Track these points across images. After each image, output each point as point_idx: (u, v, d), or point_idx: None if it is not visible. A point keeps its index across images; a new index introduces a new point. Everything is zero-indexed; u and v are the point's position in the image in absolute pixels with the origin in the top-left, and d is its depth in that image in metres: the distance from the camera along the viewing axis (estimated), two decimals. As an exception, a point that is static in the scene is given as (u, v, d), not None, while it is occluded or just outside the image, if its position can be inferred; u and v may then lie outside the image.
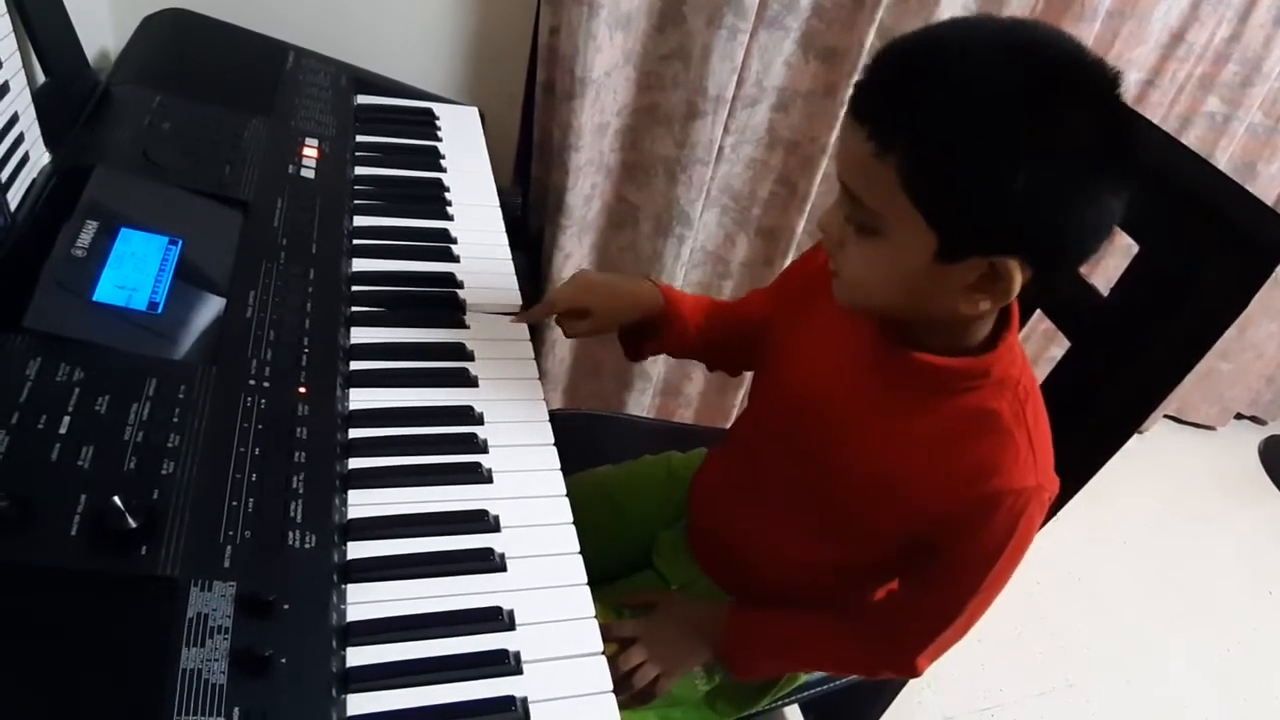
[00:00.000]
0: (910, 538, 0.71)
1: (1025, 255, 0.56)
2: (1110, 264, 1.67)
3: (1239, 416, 2.26)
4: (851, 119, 0.58)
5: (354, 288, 0.82)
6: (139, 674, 0.49)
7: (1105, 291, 0.87)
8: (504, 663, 0.59)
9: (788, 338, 0.80)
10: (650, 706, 0.83)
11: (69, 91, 0.87)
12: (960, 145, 0.53)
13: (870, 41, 1.20)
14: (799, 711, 1.35)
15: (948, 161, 0.54)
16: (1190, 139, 1.59)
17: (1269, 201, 1.73)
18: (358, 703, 0.54)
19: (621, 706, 0.60)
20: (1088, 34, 1.30)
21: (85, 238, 0.70)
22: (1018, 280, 0.57)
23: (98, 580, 0.52)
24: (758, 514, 0.83)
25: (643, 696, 0.82)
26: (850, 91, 0.59)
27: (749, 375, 1.38)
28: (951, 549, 0.69)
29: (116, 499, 0.54)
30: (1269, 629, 1.76)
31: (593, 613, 0.64)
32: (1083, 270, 0.92)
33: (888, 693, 1.16)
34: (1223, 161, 1.64)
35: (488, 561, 0.65)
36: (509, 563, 0.65)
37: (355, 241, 0.87)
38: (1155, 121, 1.39)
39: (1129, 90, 1.42)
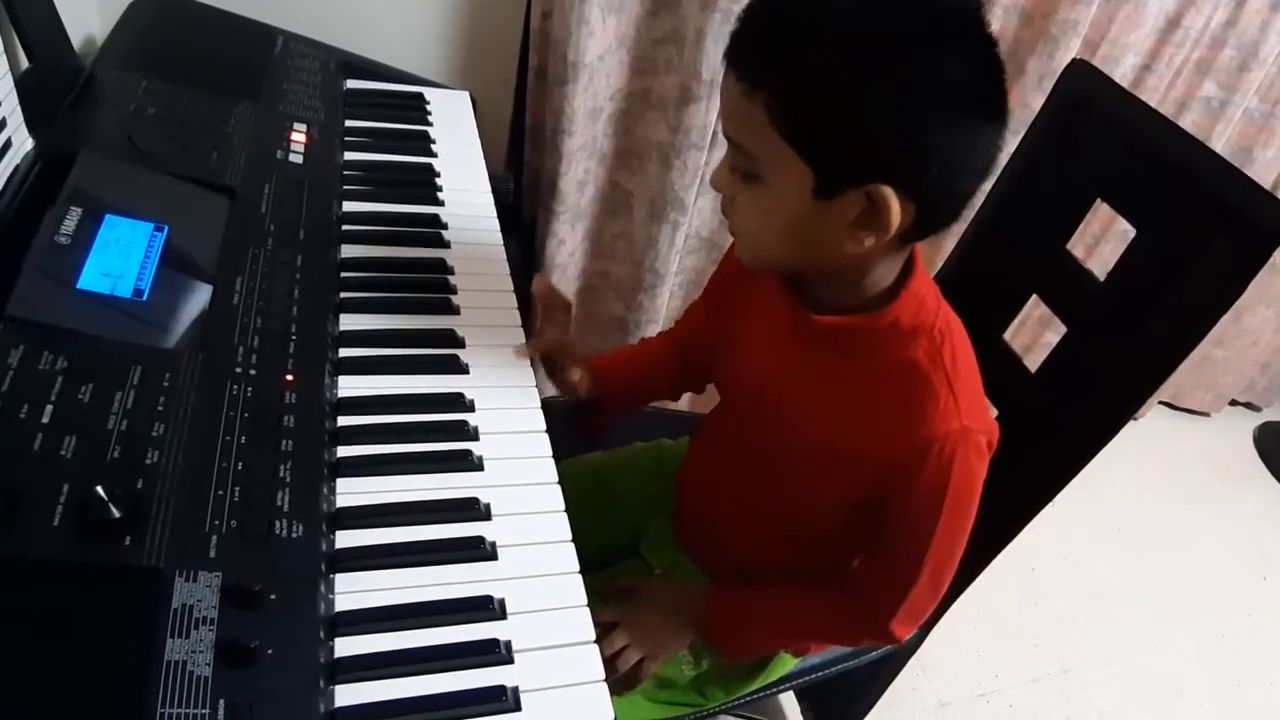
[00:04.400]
0: (858, 502, 0.72)
1: (898, 184, 0.57)
2: (1107, 249, 1.67)
3: (1234, 403, 2.26)
4: (725, 66, 0.59)
5: (343, 274, 0.81)
6: (122, 666, 0.49)
7: (1102, 277, 0.87)
8: (495, 652, 0.59)
9: (727, 335, 0.82)
10: (639, 691, 0.84)
11: (53, 77, 0.86)
12: (818, 72, 0.55)
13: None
14: (794, 697, 1.35)
15: (808, 90, 0.56)
16: (1187, 123, 1.58)
17: (1266, 186, 1.73)
18: (346, 693, 0.54)
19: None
20: (1084, 18, 1.28)
21: (69, 224, 0.69)
22: (895, 210, 0.58)
23: (81, 571, 0.51)
24: (728, 498, 0.85)
25: (627, 680, 0.82)
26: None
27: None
28: (895, 508, 0.70)
29: (100, 489, 0.53)
30: (1263, 615, 1.76)
31: (585, 601, 0.64)
32: (1079, 255, 0.91)
33: (882, 678, 1.16)
34: (1219, 146, 1.63)
35: (479, 550, 0.64)
36: (500, 551, 0.65)
37: (344, 227, 0.86)
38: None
39: (1125, 75, 1.43)
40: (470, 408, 0.74)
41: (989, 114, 0.58)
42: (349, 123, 1.00)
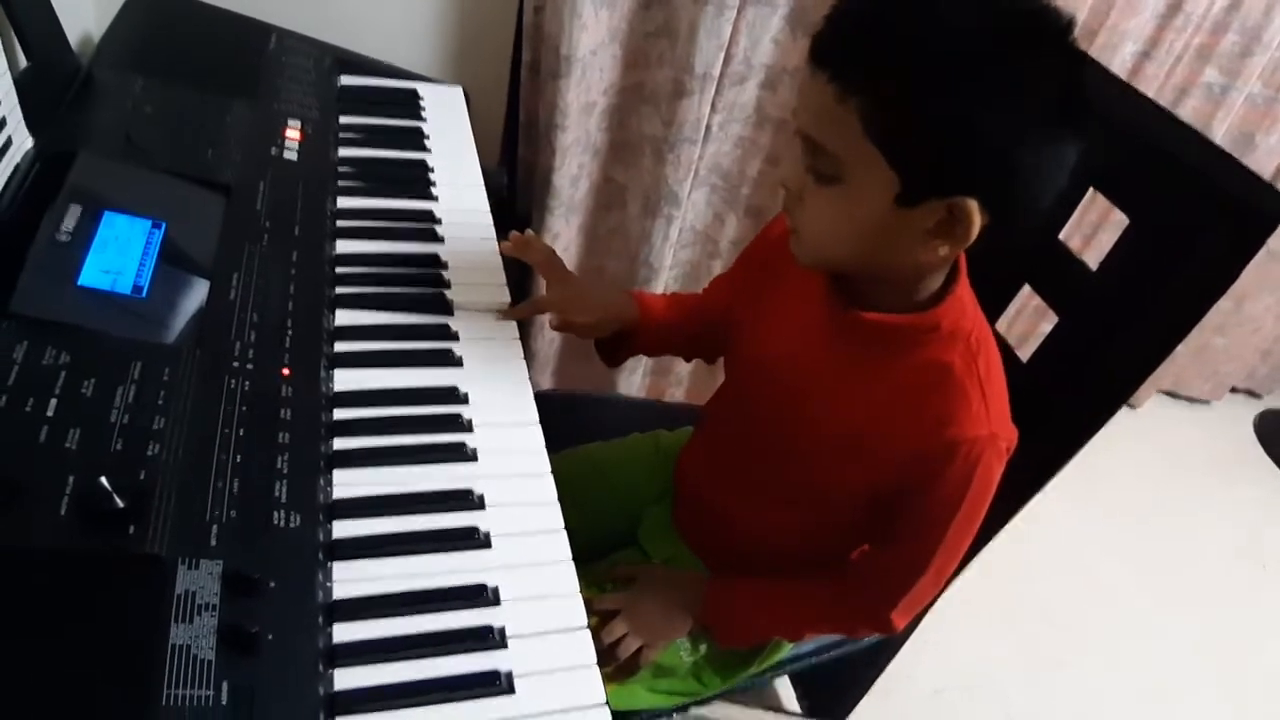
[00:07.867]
0: (874, 496, 0.72)
1: (982, 197, 0.57)
2: (1102, 239, 1.67)
3: (1234, 391, 2.26)
4: (813, 67, 0.58)
5: (338, 269, 0.82)
6: (129, 650, 0.50)
7: (1094, 266, 0.87)
8: (489, 638, 0.60)
9: (751, 314, 0.82)
10: (636, 679, 0.85)
11: (51, 76, 0.87)
12: (919, 84, 0.55)
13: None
14: (789, 682, 1.36)
15: (912, 101, 0.55)
16: (1187, 110, 1.57)
17: (1268, 173, 1.72)
18: (344, 677, 0.56)
19: (607, 679, 0.61)
20: (1082, 4, 1.28)
21: (69, 222, 0.70)
22: (977, 222, 0.58)
23: (87, 559, 0.53)
24: (734, 486, 0.85)
25: (627, 668, 0.83)
26: (809, 42, 0.59)
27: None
28: (912, 503, 0.70)
29: (104, 480, 0.54)
30: (1263, 604, 1.76)
31: (577, 589, 0.65)
32: (1073, 246, 0.92)
33: (877, 664, 1.17)
34: (1221, 133, 1.62)
35: (473, 539, 0.65)
36: (494, 540, 0.66)
37: (339, 223, 0.87)
38: (1150, 94, 1.37)
39: (1124, 62, 1.43)
40: (464, 400, 0.75)
41: (1076, 133, 0.57)
42: (343, 119, 1.01)
